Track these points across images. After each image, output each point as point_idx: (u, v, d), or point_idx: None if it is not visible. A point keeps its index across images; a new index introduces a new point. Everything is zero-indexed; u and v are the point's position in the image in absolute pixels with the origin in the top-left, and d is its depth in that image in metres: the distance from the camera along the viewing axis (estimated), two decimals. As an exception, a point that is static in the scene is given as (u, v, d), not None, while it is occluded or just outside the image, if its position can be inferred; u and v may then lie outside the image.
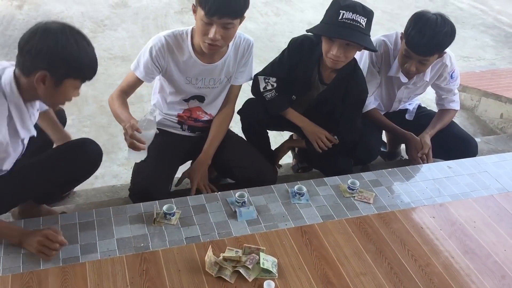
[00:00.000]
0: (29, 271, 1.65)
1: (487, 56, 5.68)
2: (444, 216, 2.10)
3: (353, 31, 2.10)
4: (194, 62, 2.16)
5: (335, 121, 2.40)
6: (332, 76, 2.30)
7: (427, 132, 2.62)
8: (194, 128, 2.39)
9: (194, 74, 2.20)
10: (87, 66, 1.62)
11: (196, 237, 1.87)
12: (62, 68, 1.55)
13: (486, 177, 2.39)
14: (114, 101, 2.16)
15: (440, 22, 2.27)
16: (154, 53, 2.12)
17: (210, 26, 1.97)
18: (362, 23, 2.11)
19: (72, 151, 1.92)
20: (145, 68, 2.16)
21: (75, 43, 1.55)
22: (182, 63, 2.17)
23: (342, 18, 2.09)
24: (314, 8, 6.53)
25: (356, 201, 2.14)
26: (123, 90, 2.22)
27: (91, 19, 5.58)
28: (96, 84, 4.33)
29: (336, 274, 1.76)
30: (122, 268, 1.70)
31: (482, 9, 7.04)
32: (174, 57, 2.16)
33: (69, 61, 1.55)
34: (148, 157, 1.96)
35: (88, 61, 1.61)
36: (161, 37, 2.13)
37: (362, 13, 2.11)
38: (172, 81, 2.22)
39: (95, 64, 1.65)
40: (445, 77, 2.60)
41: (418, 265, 1.83)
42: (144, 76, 2.17)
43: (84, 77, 1.64)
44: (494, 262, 1.89)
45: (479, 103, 4.28)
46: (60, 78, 1.57)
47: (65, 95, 1.64)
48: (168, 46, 2.13)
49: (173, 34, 2.14)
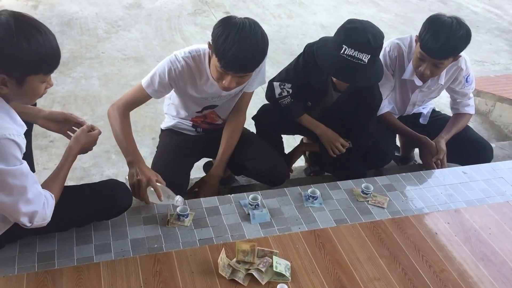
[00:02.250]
0: (44, 271, 1.66)
1: (501, 60, 5.62)
2: (459, 222, 2.08)
3: (351, 68, 2.05)
4: (211, 84, 2.09)
5: (349, 126, 2.39)
6: (345, 83, 2.29)
7: (442, 136, 2.60)
8: (208, 131, 2.39)
9: (209, 93, 2.14)
10: (44, 59, 1.44)
11: (209, 239, 1.87)
12: (18, 69, 1.41)
13: (501, 183, 2.36)
14: (117, 118, 2.06)
15: (456, 26, 2.25)
16: (173, 75, 2.04)
17: (226, 75, 1.90)
18: (365, 60, 2.03)
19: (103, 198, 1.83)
20: (159, 87, 2.07)
21: (24, 39, 1.39)
22: (200, 85, 2.11)
23: (344, 53, 2.03)
24: (327, 11, 6.52)
25: (369, 205, 2.13)
26: (128, 105, 2.10)
27: (105, 20, 5.62)
28: (109, 84, 4.37)
29: (350, 279, 1.75)
30: (136, 269, 1.70)
31: (497, 13, 6.98)
32: (193, 79, 2.08)
33: (23, 60, 1.40)
34: (167, 158, 2.04)
35: (43, 53, 1.42)
36: (180, 59, 2.03)
37: (365, 50, 2.02)
38: (186, 97, 2.17)
39: (53, 53, 1.46)
40: (460, 81, 2.58)
41: (433, 271, 1.82)
42: (156, 94, 2.10)
43: (46, 71, 1.47)
44: (509, 269, 1.87)
45: (494, 108, 4.24)
46: (21, 78, 1.43)
47: (34, 92, 1.49)
48: (188, 70, 2.05)
49: (191, 55, 2.04)
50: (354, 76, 2.08)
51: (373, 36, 2.02)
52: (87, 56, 4.83)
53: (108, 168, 3.33)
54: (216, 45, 1.84)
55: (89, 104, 4.03)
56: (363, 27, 2.04)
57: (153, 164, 2.26)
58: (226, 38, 1.80)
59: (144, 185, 1.95)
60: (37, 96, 1.52)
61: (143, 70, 4.66)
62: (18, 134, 1.41)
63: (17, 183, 1.42)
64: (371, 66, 2.07)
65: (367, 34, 2.02)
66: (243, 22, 1.84)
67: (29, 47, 1.39)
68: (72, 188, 1.80)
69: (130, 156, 2.04)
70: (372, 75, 2.12)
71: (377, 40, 2.04)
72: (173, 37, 5.34)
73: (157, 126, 3.77)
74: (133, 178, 1.99)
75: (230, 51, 1.79)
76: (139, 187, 1.97)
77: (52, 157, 3.30)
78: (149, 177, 1.94)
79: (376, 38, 2.03)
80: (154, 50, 5.02)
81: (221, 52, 1.81)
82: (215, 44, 1.85)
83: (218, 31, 1.84)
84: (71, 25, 5.43)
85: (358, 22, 2.09)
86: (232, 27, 1.81)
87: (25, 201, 1.46)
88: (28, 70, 1.42)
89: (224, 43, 1.80)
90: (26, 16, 1.44)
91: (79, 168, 3.24)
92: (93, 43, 5.10)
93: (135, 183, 1.98)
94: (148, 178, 1.94)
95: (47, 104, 3.88)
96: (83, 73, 4.52)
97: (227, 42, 1.79)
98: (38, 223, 1.54)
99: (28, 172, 1.46)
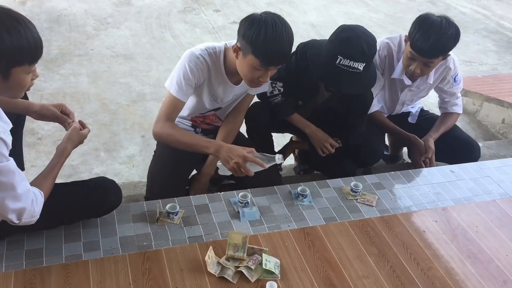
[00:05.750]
0: (32, 268, 1.65)
1: (489, 61, 5.68)
2: (447, 220, 2.10)
3: (347, 77, 2.08)
4: (225, 83, 2.11)
5: (339, 125, 2.40)
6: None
7: (431, 135, 2.62)
8: (207, 131, 2.38)
9: (220, 93, 2.15)
10: (27, 50, 1.43)
11: (199, 237, 1.87)
12: (2, 61, 1.40)
13: (488, 182, 2.39)
14: (169, 131, 2.04)
15: (445, 25, 2.27)
16: (195, 72, 2.02)
17: (261, 72, 1.93)
18: (360, 68, 2.06)
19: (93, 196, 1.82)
20: (187, 88, 2.04)
21: (5, 31, 1.38)
22: (213, 83, 2.11)
23: (339, 63, 2.06)
24: (317, 10, 6.54)
25: (358, 203, 2.14)
26: (169, 117, 2.07)
27: (94, 16, 5.58)
28: (98, 81, 4.34)
29: (339, 276, 1.76)
30: (125, 267, 1.69)
31: (485, 14, 7.05)
32: (209, 76, 2.09)
33: (6, 53, 1.40)
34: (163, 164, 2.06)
35: (26, 44, 1.42)
36: (197, 55, 2.02)
37: (360, 60, 2.05)
38: (198, 96, 2.16)
39: (35, 43, 1.45)
40: (448, 80, 2.60)
41: (420, 269, 1.83)
42: (186, 97, 2.07)
43: (29, 61, 1.46)
44: (496, 267, 1.89)
45: (481, 108, 4.29)
46: (5, 71, 1.42)
47: (20, 84, 1.48)
48: (206, 65, 2.04)
49: (207, 52, 2.04)
50: (350, 85, 2.11)
51: (367, 44, 2.06)
52: (76, 53, 4.80)
53: (97, 166, 3.31)
54: (255, 45, 1.85)
55: (78, 101, 4.00)
56: (356, 36, 2.07)
57: (151, 169, 2.26)
58: (265, 35, 1.83)
59: (243, 164, 1.94)
60: (24, 88, 1.51)
61: (132, 67, 4.64)
62: (4, 131, 1.40)
63: (4, 180, 1.41)
64: (366, 72, 2.11)
65: (361, 43, 2.05)
66: (271, 17, 1.88)
67: (11, 38, 1.38)
68: (61, 186, 1.79)
69: (210, 148, 2.01)
70: (367, 81, 2.17)
71: (371, 48, 2.07)
72: (162, 35, 5.32)
73: (147, 124, 3.77)
74: (229, 163, 1.95)
75: (273, 47, 1.84)
76: (239, 168, 1.96)
77: (40, 155, 3.28)
78: (243, 155, 1.93)
79: (370, 46, 2.07)
80: (143, 48, 5.00)
81: (264, 50, 1.85)
82: (254, 44, 1.85)
83: (252, 31, 1.85)
84: (60, 22, 5.38)
85: (351, 30, 2.11)
86: (266, 25, 1.84)
87: (13, 198, 1.45)
88: (12, 62, 1.41)
89: (265, 41, 1.83)
90: (3, 8, 1.43)
91: (68, 165, 3.22)
92: (82, 40, 5.07)
93: (234, 166, 1.95)
94: (243, 157, 1.93)
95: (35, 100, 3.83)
96: (72, 70, 4.48)
97: (268, 39, 1.83)
98: (27, 220, 1.53)
99: (15, 169, 1.44)
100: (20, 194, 1.46)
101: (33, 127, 3.45)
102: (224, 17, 6.03)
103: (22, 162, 2.17)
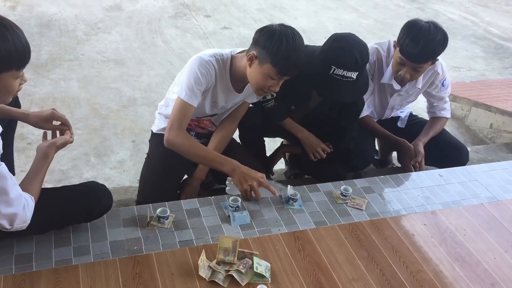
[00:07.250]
0: (22, 273, 1.64)
1: (477, 66, 5.75)
2: (435, 223, 2.12)
3: (342, 86, 2.11)
4: (228, 90, 2.13)
5: (331, 129, 2.42)
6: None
7: (420, 139, 2.65)
8: (201, 135, 2.39)
9: (221, 100, 2.17)
10: (15, 55, 1.42)
11: (189, 241, 1.87)
12: None
13: (476, 186, 2.42)
14: (184, 143, 2.06)
15: (433, 30, 2.31)
16: (206, 76, 2.03)
17: (275, 82, 1.98)
18: (353, 76, 2.10)
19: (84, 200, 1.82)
20: (197, 93, 2.05)
21: None
22: (218, 89, 2.12)
23: (333, 73, 2.09)
24: (307, 16, 6.58)
25: (348, 207, 2.16)
26: (182, 125, 2.06)
27: (85, 21, 5.57)
28: (89, 86, 4.33)
29: (329, 279, 1.77)
30: (115, 271, 1.69)
31: (473, 20, 7.13)
32: (216, 82, 2.10)
33: None
34: (156, 167, 2.10)
35: (13, 50, 1.40)
36: (207, 60, 2.03)
37: (354, 69, 2.08)
38: (199, 102, 2.14)
39: (23, 48, 1.44)
40: (436, 85, 2.64)
41: (409, 272, 1.85)
42: (197, 102, 2.07)
43: (17, 66, 1.44)
44: (484, 270, 1.91)
45: (469, 113, 4.34)
46: None
47: (8, 89, 1.47)
48: (215, 71, 2.06)
49: (215, 58, 2.05)
50: (344, 94, 2.14)
51: (360, 53, 2.09)
52: (66, 58, 4.78)
53: (87, 171, 3.30)
54: (276, 55, 1.90)
55: (68, 106, 3.99)
56: (349, 46, 2.10)
57: (143, 172, 2.26)
58: (286, 47, 1.89)
59: (257, 188, 2.05)
60: (12, 93, 1.49)
61: (123, 72, 4.63)
62: None
63: None
64: (358, 81, 2.14)
65: (354, 52, 2.08)
66: (290, 30, 1.94)
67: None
68: (52, 191, 1.78)
69: (225, 166, 2.07)
70: (360, 89, 2.21)
71: (363, 57, 2.11)
72: (153, 40, 5.32)
73: (137, 128, 3.77)
74: (243, 185, 2.06)
75: (291, 58, 1.91)
76: (251, 191, 2.07)
77: (30, 160, 3.23)
78: (258, 179, 2.06)
79: (362, 55, 2.10)
80: (134, 53, 4.99)
81: (283, 61, 1.91)
82: (274, 54, 1.90)
83: (273, 42, 1.89)
84: (50, 27, 5.37)
85: (344, 40, 2.13)
86: (286, 37, 1.90)
87: (5, 203, 1.44)
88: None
89: (286, 52, 1.89)
90: None
91: (57, 170, 3.21)
92: (73, 45, 5.05)
93: (247, 189, 2.06)
94: (258, 181, 2.05)
95: (24, 105, 3.79)
96: (62, 75, 4.47)
97: (289, 50, 1.89)
98: (19, 226, 1.52)
99: (7, 174, 1.44)
100: (12, 199, 1.46)
101: (23, 132, 3.44)
102: (215, 22, 6.04)
103: (13, 167, 2.16)
